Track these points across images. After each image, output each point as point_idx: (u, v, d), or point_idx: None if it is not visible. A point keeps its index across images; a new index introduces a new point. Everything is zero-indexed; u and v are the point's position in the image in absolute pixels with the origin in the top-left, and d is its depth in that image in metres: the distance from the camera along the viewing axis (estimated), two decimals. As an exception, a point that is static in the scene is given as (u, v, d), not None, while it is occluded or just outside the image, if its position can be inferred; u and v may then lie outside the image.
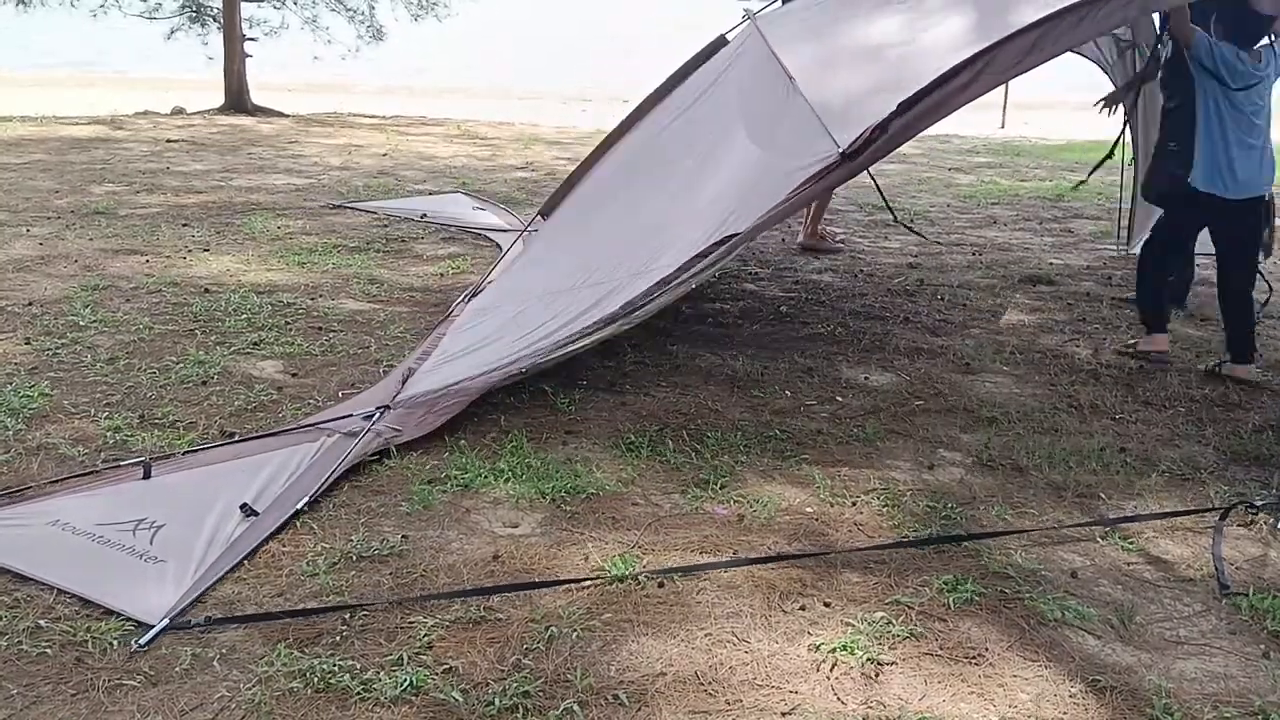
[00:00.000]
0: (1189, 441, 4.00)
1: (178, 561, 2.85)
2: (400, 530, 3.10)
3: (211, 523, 3.04)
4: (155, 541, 2.94)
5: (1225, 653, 2.64)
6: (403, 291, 5.78)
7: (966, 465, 3.73)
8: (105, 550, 2.90)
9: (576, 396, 4.21)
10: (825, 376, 4.62)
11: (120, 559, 2.87)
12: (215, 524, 3.04)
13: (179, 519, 3.05)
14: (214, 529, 3.02)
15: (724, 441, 3.82)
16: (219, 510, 3.10)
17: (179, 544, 2.93)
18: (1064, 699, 2.43)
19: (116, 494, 3.21)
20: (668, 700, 2.38)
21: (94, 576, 2.78)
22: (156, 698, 2.34)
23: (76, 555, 2.88)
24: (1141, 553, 3.14)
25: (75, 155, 10.30)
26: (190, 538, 2.96)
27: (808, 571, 2.94)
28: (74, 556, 2.87)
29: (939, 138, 15.51)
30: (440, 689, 2.38)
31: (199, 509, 3.11)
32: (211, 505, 3.12)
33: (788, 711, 2.35)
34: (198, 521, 3.04)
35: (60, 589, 2.73)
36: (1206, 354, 5.08)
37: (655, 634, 2.63)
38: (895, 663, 2.54)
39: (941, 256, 7.26)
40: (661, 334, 5.15)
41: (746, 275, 6.52)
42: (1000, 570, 2.98)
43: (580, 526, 3.18)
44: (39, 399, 3.97)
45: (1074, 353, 5.08)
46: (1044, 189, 10.64)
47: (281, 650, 2.50)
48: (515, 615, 2.70)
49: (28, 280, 5.66)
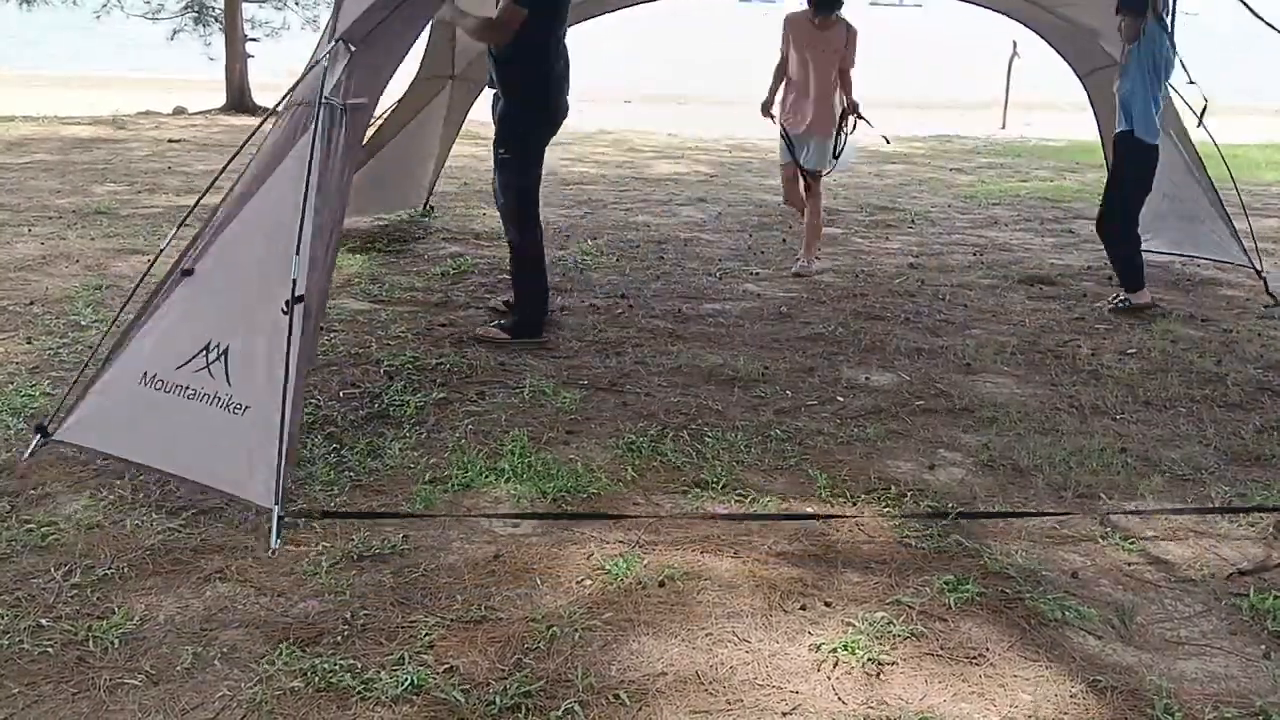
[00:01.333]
0: (1190, 442, 4.00)
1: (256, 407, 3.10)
2: (401, 530, 3.10)
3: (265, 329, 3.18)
4: (231, 376, 3.18)
5: (1226, 653, 2.64)
6: (404, 291, 5.78)
7: (967, 465, 3.73)
8: (196, 409, 3.17)
9: (577, 396, 4.22)
10: (826, 376, 4.62)
11: (213, 418, 3.14)
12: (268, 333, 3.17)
13: (237, 334, 3.24)
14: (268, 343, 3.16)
15: (724, 441, 3.82)
16: (268, 311, 3.20)
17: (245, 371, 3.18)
18: (1065, 699, 2.43)
19: (173, 310, 3.41)
20: (669, 700, 2.38)
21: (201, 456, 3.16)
22: (157, 697, 2.34)
23: (176, 426, 3.20)
24: (1142, 553, 3.13)
25: (77, 155, 10.31)
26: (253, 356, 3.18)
27: (808, 571, 2.95)
28: (174, 429, 3.21)
29: (940, 138, 15.53)
30: (441, 688, 2.38)
31: (248, 312, 3.26)
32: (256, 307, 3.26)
33: (788, 711, 2.35)
34: (251, 325, 3.22)
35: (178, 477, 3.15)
36: (1207, 354, 5.08)
37: (656, 633, 2.63)
38: (896, 663, 2.54)
39: (942, 256, 7.26)
40: (662, 334, 5.16)
41: (747, 275, 6.53)
42: (1001, 570, 2.98)
43: (581, 526, 3.18)
44: (40, 399, 3.97)
45: (1075, 353, 5.07)
46: (1045, 189, 10.65)
47: (283, 649, 2.50)
48: (516, 615, 2.70)
49: (29, 280, 5.67)
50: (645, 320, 5.40)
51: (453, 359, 4.62)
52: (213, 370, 3.23)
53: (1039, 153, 13.98)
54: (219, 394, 3.21)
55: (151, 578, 2.81)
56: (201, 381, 3.24)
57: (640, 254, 6.98)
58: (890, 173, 11.76)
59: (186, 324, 3.37)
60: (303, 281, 3.20)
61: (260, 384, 3.16)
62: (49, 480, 3.34)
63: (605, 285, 6.09)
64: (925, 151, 13.90)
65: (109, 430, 3.39)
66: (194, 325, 3.35)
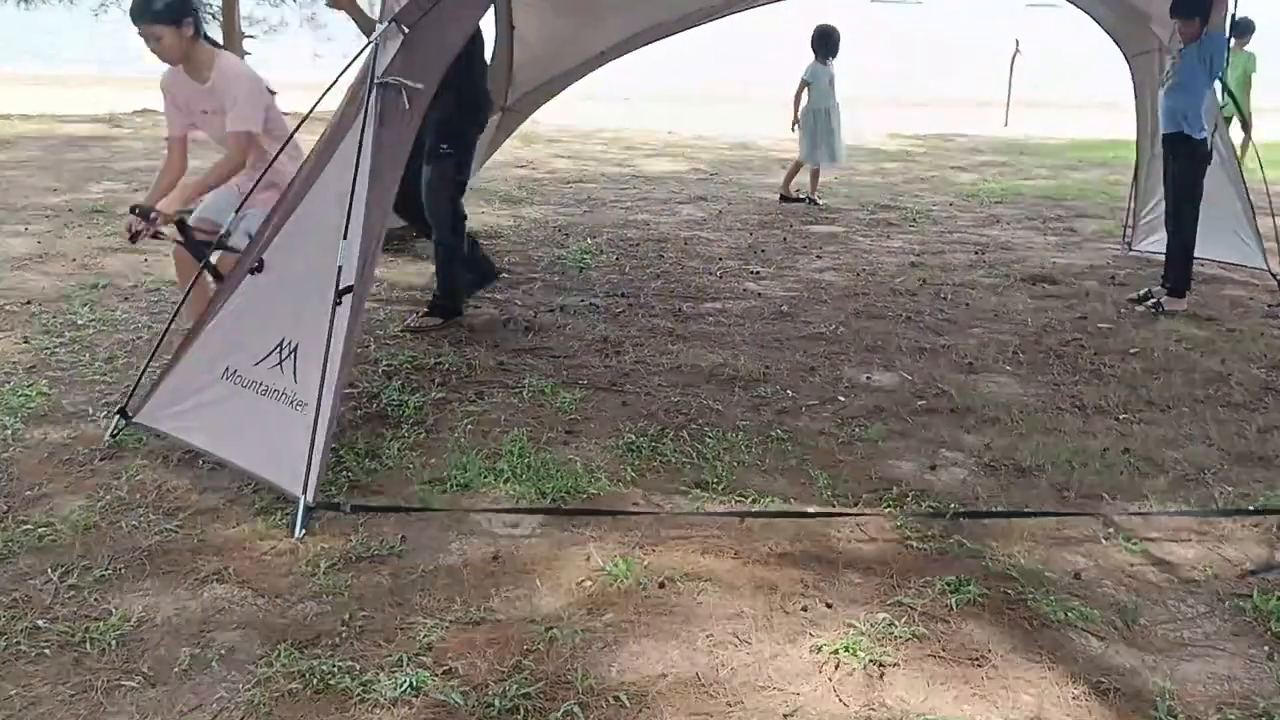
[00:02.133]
0: (1193, 442, 3.98)
1: (310, 404, 3.14)
2: (400, 530, 3.08)
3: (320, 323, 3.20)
4: (298, 373, 3.23)
5: (1229, 654, 2.62)
6: (403, 290, 5.76)
7: (969, 466, 3.71)
8: (268, 405, 3.25)
9: (576, 396, 4.20)
10: (827, 376, 4.60)
11: (281, 413, 3.21)
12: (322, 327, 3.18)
13: (304, 331, 3.27)
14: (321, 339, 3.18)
15: (725, 441, 3.80)
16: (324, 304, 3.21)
17: (304, 366, 3.23)
18: (1067, 701, 2.41)
19: (246, 305, 3.45)
20: (669, 702, 2.37)
21: (265, 450, 3.24)
22: (155, 698, 2.33)
23: (247, 420, 3.30)
24: (1145, 554, 3.12)
25: (74, 153, 10.29)
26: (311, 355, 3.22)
27: (809, 572, 2.93)
28: (246, 423, 3.31)
29: (942, 136, 15.51)
30: (440, 690, 2.37)
31: (315, 311, 3.25)
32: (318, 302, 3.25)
33: (789, 713, 2.34)
34: (315, 325, 3.22)
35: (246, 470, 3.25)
36: (1210, 354, 5.06)
37: (656, 635, 2.62)
38: (898, 664, 2.52)
39: (944, 255, 7.24)
40: (662, 333, 5.14)
41: (747, 274, 6.51)
42: (1003, 571, 2.96)
43: (580, 527, 3.16)
44: (37, 398, 3.96)
45: (1077, 352, 5.06)
46: (1047, 188, 10.62)
47: (281, 651, 2.48)
48: (515, 616, 2.68)
49: (26, 279, 5.65)
50: (645, 319, 5.39)
51: (451, 359, 4.60)
52: (284, 367, 3.31)
53: (1041, 151, 13.95)
54: (287, 390, 3.29)
55: (149, 579, 2.80)
56: (274, 377, 3.32)
57: (640, 253, 6.96)
58: (891, 171, 11.74)
59: (259, 320, 3.43)
60: (350, 271, 3.23)
61: (314, 380, 3.20)
62: (46, 481, 3.33)
63: (605, 284, 6.07)
64: (926, 150, 13.88)
65: (185, 419, 3.48)
66: (267, 322, 3.41)
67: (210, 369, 3.46)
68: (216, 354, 3.47)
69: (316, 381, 3.18)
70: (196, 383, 3.49)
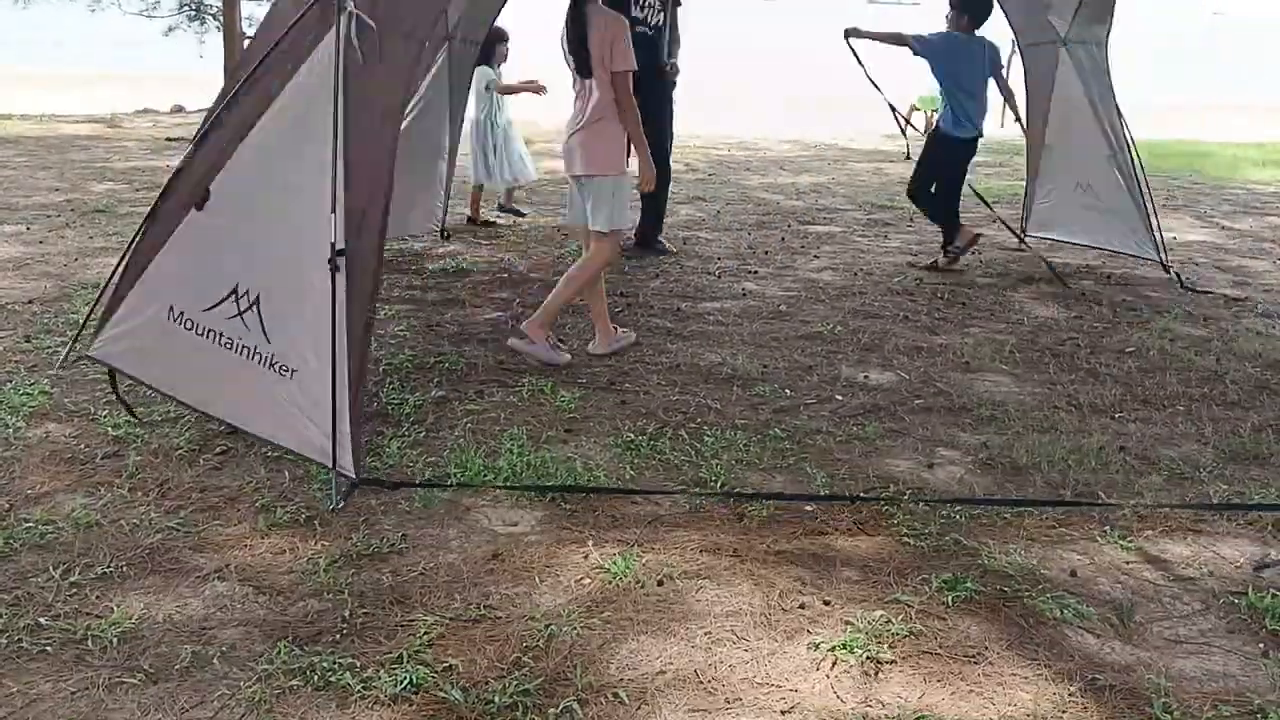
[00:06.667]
0: (1188, 440, 4.00)
1: (304, 373, 3.07)
2: (400, 529, 3.10)
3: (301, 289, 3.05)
4: (269, 332, 3.10)
5: (1224, 651, 2.64)
6: (403, 289, 5.78)
7: (966, 464, 3.73)
8: (238, 362, 3.09)
9: (575, 395, 4.21)
10: (824, 375, 4.62)
11: (262, 377, 3.09)
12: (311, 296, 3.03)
13: (269, 283, 3.12)
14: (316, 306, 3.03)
15: (723, 440, 3.82)
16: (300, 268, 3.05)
17: (283, 332, 3.09)
18: (1063, 697, 2.43)
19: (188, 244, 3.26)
20: (667, 698, 2.38)
21: (256, 411, 3.16)
22: (156, 695, 2.34)
23: (219, 374, 3.17)
24: (1140, 551, 3.14)
25: (75, 153, 10.30)
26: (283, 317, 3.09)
27: (807, 570, 2.95)
28: (218, 376, 3.18)
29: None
30: (440, 687, 2.38)
31: (279, 265, 3.11)
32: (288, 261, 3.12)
33: (787, 710, 2.35)
34: (291, 287, 3.07)
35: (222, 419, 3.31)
36: (1205, 353, 5.08)
37: (655, 632, 2.64)
38: (895, 661, 2.54)
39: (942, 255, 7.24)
40: (661, 333, 5.16)
41: (745, 274, 6.52)
42: (999, 569, 2.98)
43: (579, 525, 3.18)
44: (39, 397, 3.97)
45: (1073, 351, 5.08)
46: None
47: (281, 648, 2.50)
48: (515, 613, 2.70)
49: (27, 278, 5.66)
50: (644, 319, 5.40)
51: (451, 357, 4.62)
52: (246, 321, 3.17)
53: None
54: (260, 350, 3.17)
55: (150, 576, 2.81)
56: (236, 330, 3.20)
57: (639, 252, 6.97)
58: (889, 170, 11.75)
59: (205, 261, 3.26)
60: (342, 237, 3.06)
61: (306, 349, 3.13)
62: (48, 479, 3.34)
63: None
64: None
65: (142, 358, 3.42)
66: (213, 264, 3.25)
67: (155, 307, 3.31)
68: (162, 291, 3.31)
69: (307, 350, 3.07)
70: (144, 320, 3.36)
